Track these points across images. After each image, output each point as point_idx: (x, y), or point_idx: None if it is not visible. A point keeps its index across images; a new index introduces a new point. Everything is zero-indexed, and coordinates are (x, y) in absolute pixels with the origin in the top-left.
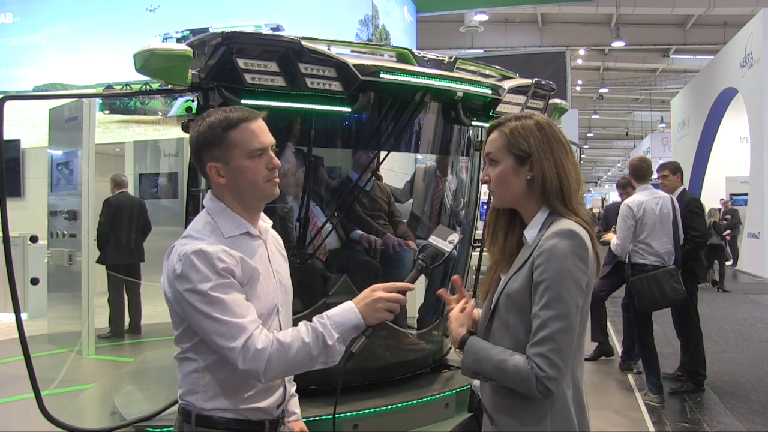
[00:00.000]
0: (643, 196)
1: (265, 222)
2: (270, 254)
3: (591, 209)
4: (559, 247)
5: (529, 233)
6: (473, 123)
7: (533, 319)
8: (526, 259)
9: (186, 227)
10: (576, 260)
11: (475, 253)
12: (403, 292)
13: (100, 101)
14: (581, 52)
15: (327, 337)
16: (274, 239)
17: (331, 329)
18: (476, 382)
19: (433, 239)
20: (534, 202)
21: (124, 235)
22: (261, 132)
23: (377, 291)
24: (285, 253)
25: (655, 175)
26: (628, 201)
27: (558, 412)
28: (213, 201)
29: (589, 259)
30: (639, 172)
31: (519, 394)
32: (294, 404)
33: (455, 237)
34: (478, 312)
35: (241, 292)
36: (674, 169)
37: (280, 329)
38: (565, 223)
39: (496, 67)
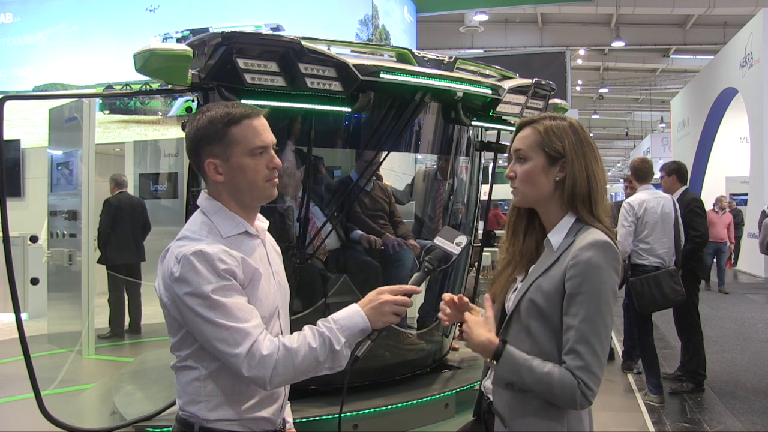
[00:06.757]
0: (645, 195)
1: (261, 222)
2: (269, 254)
3: None
4: (596, 260)
5: (554, 238)
6: (473, 123)
7: (567, 331)
8: (552, 263)
9: None
10: (612, 273)
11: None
12: (409, 294)
13: (100, 101)
14: (581, 52)
15: (334, 342)
16: (270, 239)
17: (337, 333)
18: (487, 384)
19: (439, 241)
20: (557, 204)
21: (125, 235)
22: (263, 130)
23: (383, 294)
24: (280, 253)
25: (658, 175)
26: (629, 200)
27: (573, 416)
28: (209, 200)
29: (620, 270)
30: (641, 173)
31: (536, 398)
32: (287, 412)
33: (463, 239)
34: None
35: (243, 295)
36: (668, 170)
37: (281, 332)
38: (598, 234)
39: (496, 67)
